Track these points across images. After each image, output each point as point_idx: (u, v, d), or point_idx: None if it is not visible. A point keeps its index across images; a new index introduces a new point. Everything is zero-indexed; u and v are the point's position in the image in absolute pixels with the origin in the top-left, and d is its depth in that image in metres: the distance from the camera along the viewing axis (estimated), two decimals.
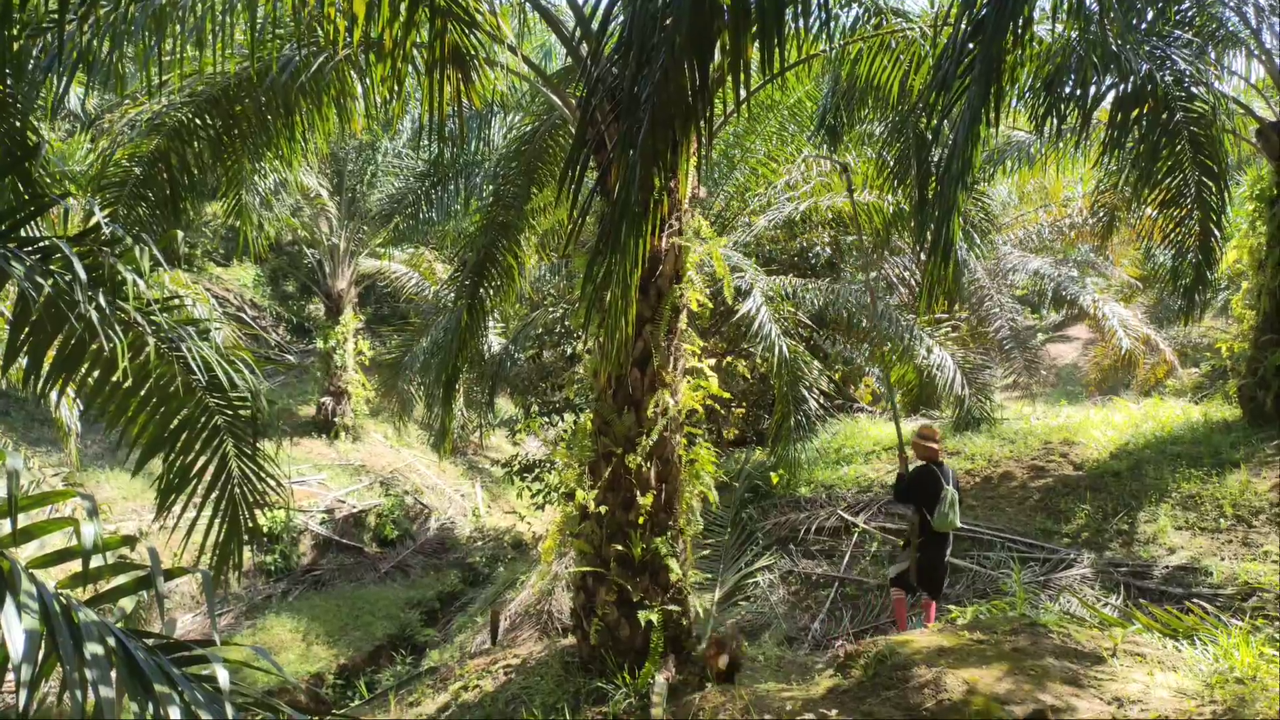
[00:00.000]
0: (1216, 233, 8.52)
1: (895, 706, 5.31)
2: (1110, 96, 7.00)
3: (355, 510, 18.15)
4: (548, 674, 7.51)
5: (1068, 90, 6.94)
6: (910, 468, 7.67)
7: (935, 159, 8.74)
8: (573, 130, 8.34)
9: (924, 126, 8.45)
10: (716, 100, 6.76)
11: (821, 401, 12.32)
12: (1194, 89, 7.58)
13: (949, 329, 12.94)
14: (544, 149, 9.16)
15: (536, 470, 15.57)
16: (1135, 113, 7.08)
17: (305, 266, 22.70)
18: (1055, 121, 6.88)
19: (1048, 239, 18.85)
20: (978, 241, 11.36)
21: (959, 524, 7.53)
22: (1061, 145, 11.36)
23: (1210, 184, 8.14)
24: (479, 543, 19.05)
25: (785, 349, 10.61)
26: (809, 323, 12.72)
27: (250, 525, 5.34)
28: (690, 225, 7.16)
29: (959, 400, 12.45)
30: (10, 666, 2.09)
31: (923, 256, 16.33)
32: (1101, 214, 16.13)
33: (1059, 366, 24.25)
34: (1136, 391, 17.74)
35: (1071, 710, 5.03)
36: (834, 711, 5.39)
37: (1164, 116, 7.30)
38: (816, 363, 12.02)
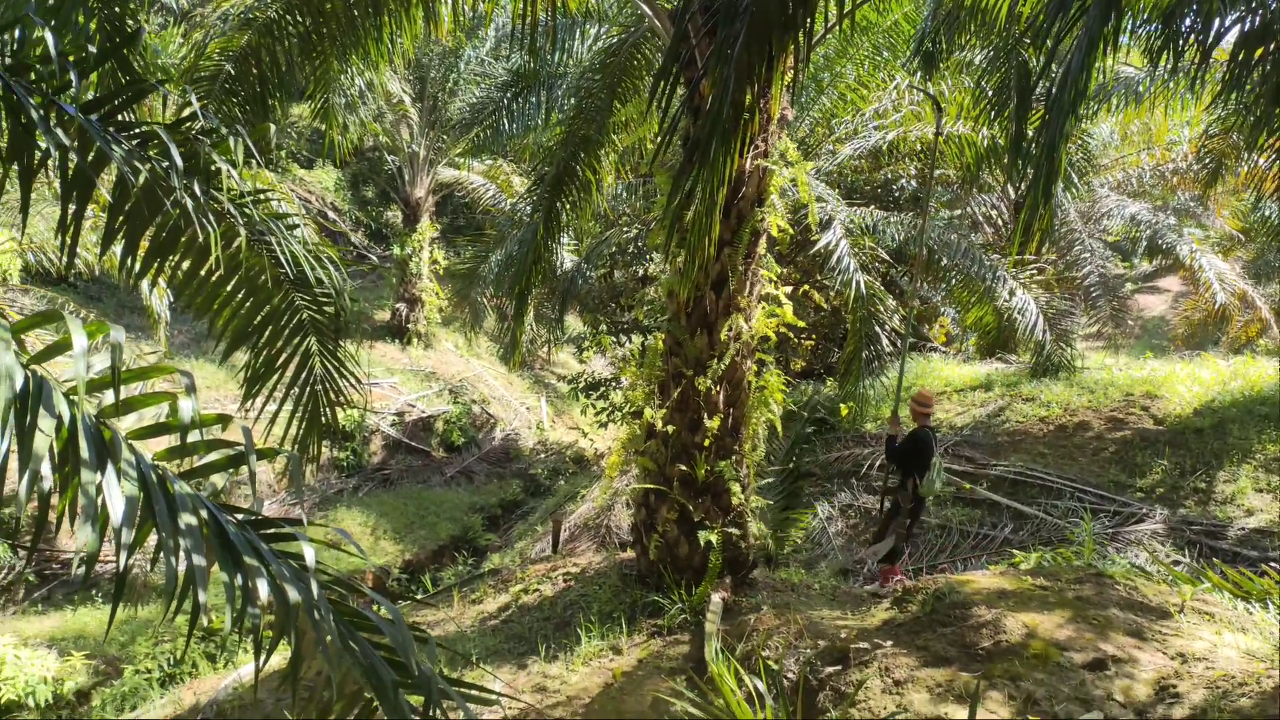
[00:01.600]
0: None
1: (951, 643, 5.31)
2: (1234, 33, 6.54)
3: (424, 415, 18.61)
4: (605, 584, 7.68)
5: (1187, 23, 6.50)
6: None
7: (1039, 90, 8.36)
8: (661, 42, 8.15)
9: (1030, 55, 8.06)
10: (816, 13, 6.51)
11: (894, 339, 12.10)
12: None
13: (1034, 271, 12.52)
14: (629, 62, 8.97)
15: (602, 388, 15.70)
16: (1260, 51, 6.60)
17: (385, 173, 22.90)
18: (1171, 57, 6.46)
19: (1147, 184, 17.99)
20: (1074, 181, 10.90)
21: (940, 491, 7.51)
22: (1173, 84, 10.73)
23: None
24: (541, 455, 19.43)
25: (862, 283, 10.41)
26: (887, 258, 12.42)
27: (329, 422, 5.49)
28: (776, 148, 6.98)
29: (1039, 346, 12.12)
30: (110, 529, 2.19)
31: (1012, 194, 15.81)
32: (1208, 160, 15.26)
33: (1146, 318, 23.42)
34: (1226, 348, 17.04)
35: (1133, 661, 4.97)
36: (889, 642, 5.41)
37: None
38: (892, 299, 11.76)
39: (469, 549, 14.82)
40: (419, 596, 10.51)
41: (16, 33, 3.76)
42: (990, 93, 8.78)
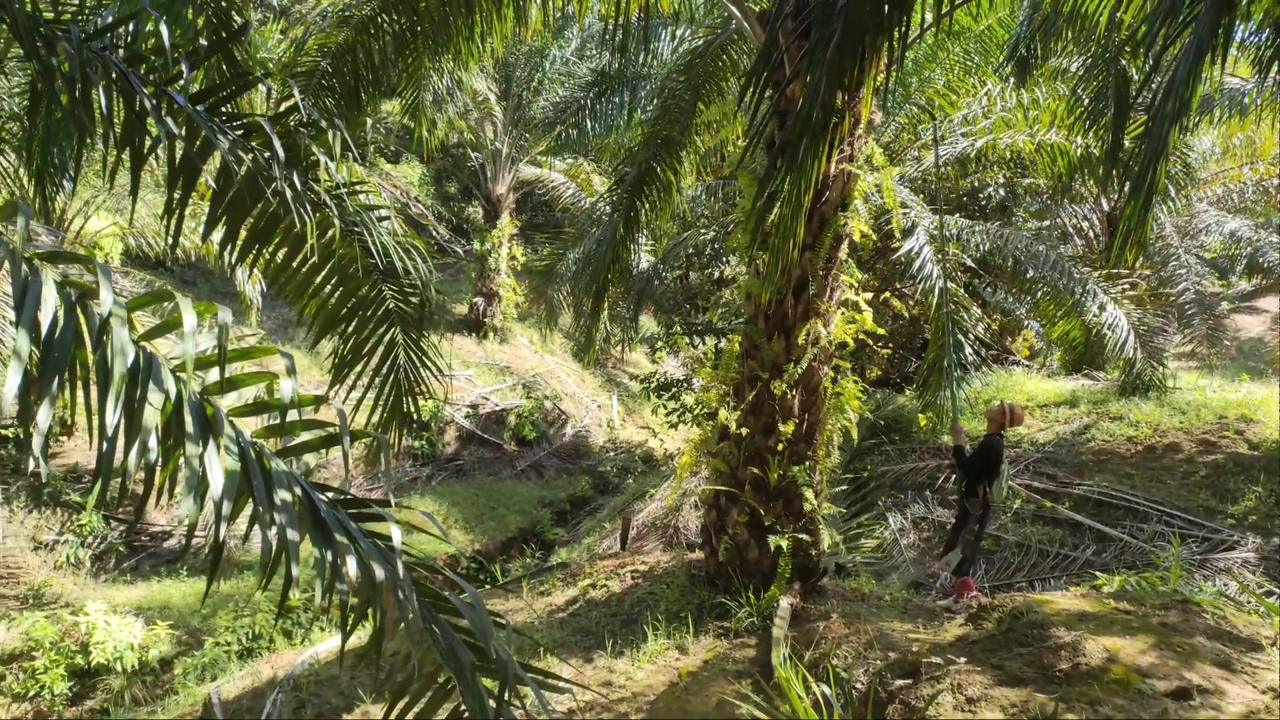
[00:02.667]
0: None
1: (1028, 664, 5.17)
2: None
3: (497, 408, 18.88)
4: (673, 583, 7.69)
5: None
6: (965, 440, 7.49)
7: (1139, 100, 8.09)
8: (749, 45, 8.13)
9: (1130, 63, 7.81)
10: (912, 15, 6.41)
11: (976, 349, 11.83)
12: None
13: (1126, 286, 12.10)
14: (715, 64, 8.96)
15: (674, 389, 15.71)
16: None
17: (468, 169, 23.31)
18: None
19: (1249, 199, 17.23)
20: (1172, 195, 10.51)
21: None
22: None
23: None
24: (611, 453, 19.53)
25: (945, 292, 10.19)
26: (972, 266, 12.15)
27: (409, 410, 5.62)
28: (862, 152, 6.90)
29: (1129, 363, 11.71)
30: (210, 501, 2.28)
31: (1105, 206, 15.31)
32: None
33: (1242, 339, 22.45)
34: None
35: (1220, 693, 4.77)
36: (962, 659, 5.30)
37: None
38: (975, 309, 11.50)
39: (537, 542, 14.99)
40: (488, 586, 10.67)
41: (131, 26, 3.94)
42: (1086, 101, 8.53)
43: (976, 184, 13.42)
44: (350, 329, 5.14)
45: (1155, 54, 4.28)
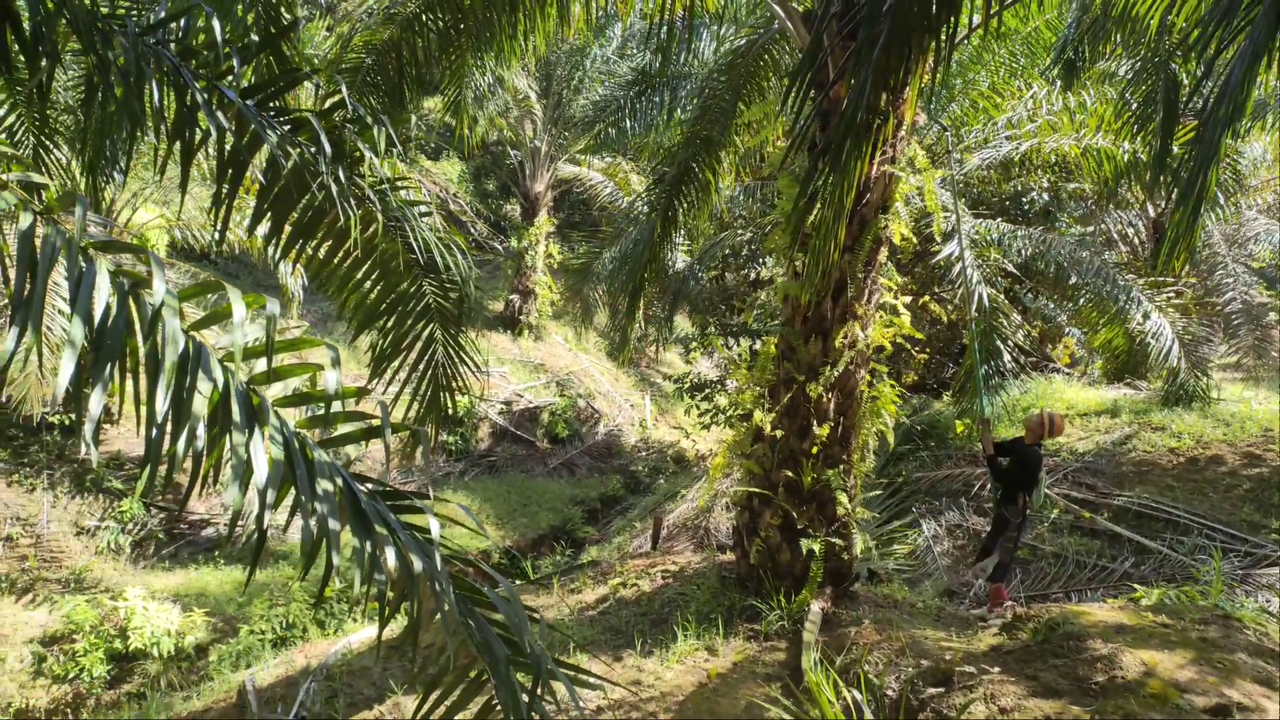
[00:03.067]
0: None
1: (1062, 675, 5.11)
2: None
3: (531, 405, 18.96)
4: (704, 584, 7.68)
5: None
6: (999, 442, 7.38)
7: (1189, 104, 7.94)
8: (791, 45, 8.09)
9: (1181, 67, 7.68)
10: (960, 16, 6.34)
11: (1015, 356, 11.67)
12: None
13: (1172, 294, 11.88)
14: (756, 64, 8.92)
15: (707, 390, 15.68)
16: None
17: (506, 167, 23.43)
18: None
19: None
20: (1221, 202, 10.29)
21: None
22: None
23: None
24: (643, 453, 19.54)
25: (985, 297, 10.08)
26: (1014, 272, 12.00)
27: (446, 405, 5.66)
28: (904, 154, 6.84)
29: (1172, 373, 11.50)
30: (256, 488, 2.31)
31: (1152, 212, 15.04)
32: None
33: None
34: None
35: (1260, 711, 4.68)
36: (996, 669, 5.24)
37: None
38: (1016, 315, 11.35)
39: (567, 540, 15.03)
40: (519, 582, 10.72)
41: (183, 21, 4.01)
42: (1135, 105, 8.39)
43: (1020, 188, 13.25)
44: (390, 323, 5.19)
45: (1208, 59, 4.19)
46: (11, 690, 9.28)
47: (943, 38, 3.76)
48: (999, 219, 12.24)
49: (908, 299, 7.41)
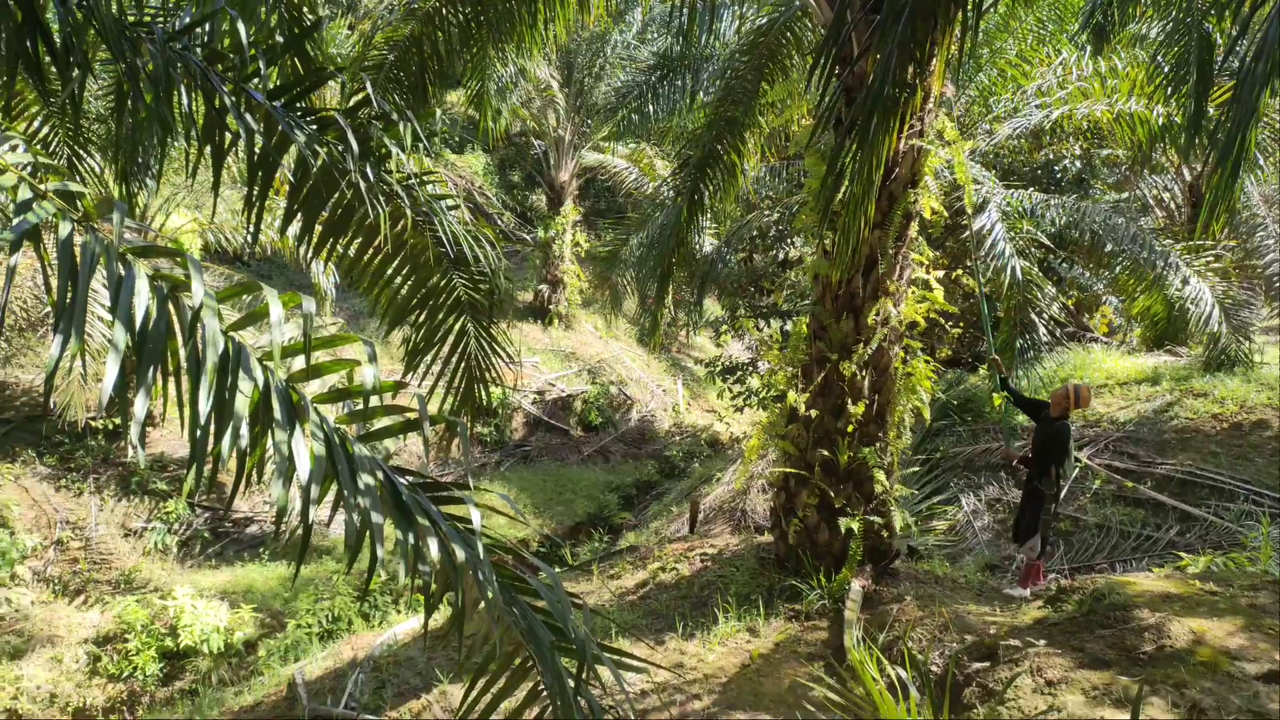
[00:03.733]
0: None
1: (1110, 646, 5.06)
2: None
3: (564, 394, 19.04)
4: (743, 566, 7.68)
5: None
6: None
7: (1224, 64, 7.77)
8: (814, 21, 8.01)
9: (1215, 26, 7.51)
10: None
11: (1051, 328, 11.52)
12: None
13: (1210, 259, 11.65)
14: (778, 42, 8.84)
15: (739, 373, 15.64)
16: None
17: (531, 157, 23.46)
18: None
19: None
20: (1260, 162, 10.06)
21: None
22: None
23: None
24: (676, 437, 19.55)
25: (1018, 269, 9.95)
26: (1046, 243, 11.82)
27: (480, 398, 5.70)
28: (933, 127, 6.76)
29: (1213, 338, 11.30)
30: (299, 485, 2.34)
31: (1188, 176, 14.74)
32: None
33: None
34: None
35: None
36: (1041, 641, 5.20)
37: None
38: (1050, 286, 11.19)
39: (604, 526, 15.11)
40: (559, 569, 10.79)
41: (208, 26, 4.05)
42: (1167, 68, 8.22)
43: (1052, 156, 13.04)
44: (422, 318, 5.23)
45: (1243, 16, 4.10)
46: (69, 690, 9.52)
47: (969, 6, 3.70)
48: (1031, 189, 12.06)
49: (940, 273, 7.33)
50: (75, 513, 12.04)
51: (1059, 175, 12.98)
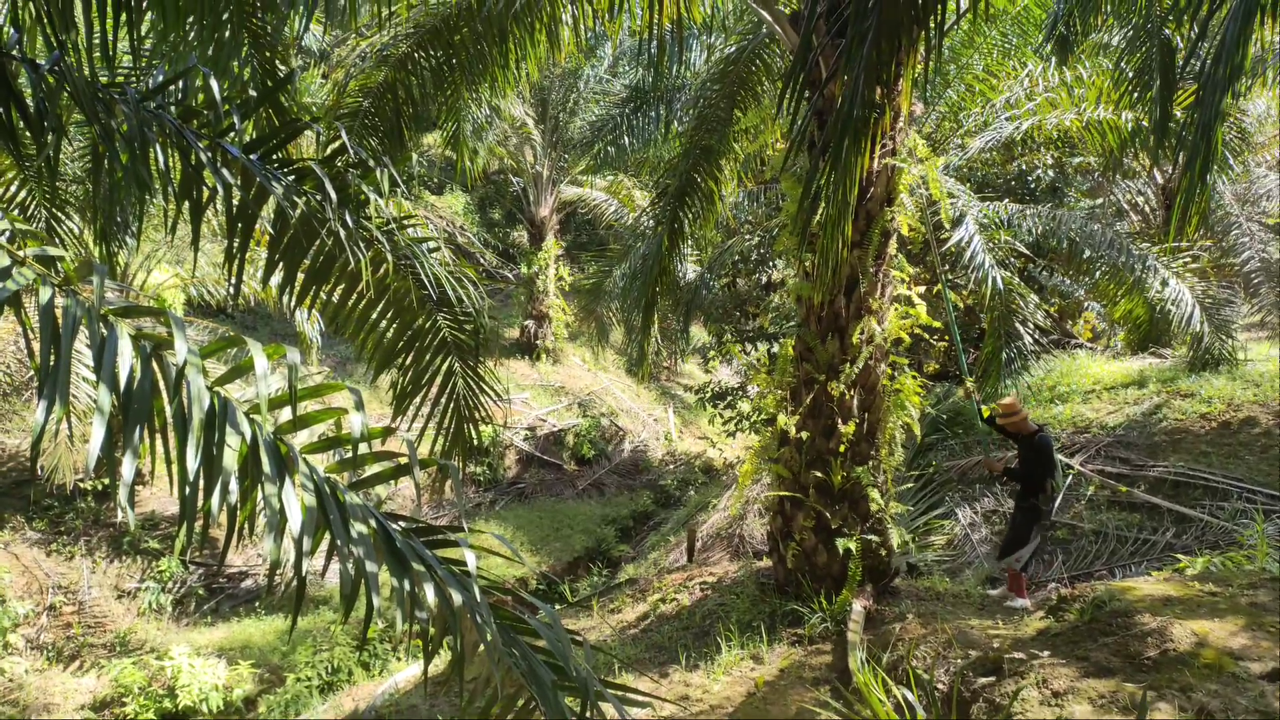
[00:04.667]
0: None
1: (1114, 653, 5.04)
2: None
3: (555, 429, 18.99)
4: (743, 593, 7.64)
5: None
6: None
7: (1188, 68, 7.90)
8: (781, 47, 8.11)
9: (1174, 32, 7.64)
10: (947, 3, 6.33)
11: (1035, 336, 11.59)
12: None
13: (1188, 259, 11.77)
14: (748, 70, 8.96)
15: (729, 398, 15.66)
16: None
17: (510, 194, 23.58)
18: None
19: None
20: (1229, 162, 10.20)
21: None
22: None
23: None
24: (670, 466, 19.51)
25: (999, 280, 10.03)
26: (1025, 252, 11.93)
27: (471, 437, 5.68)
28: (904, 145, 6.84)
29: (1196, 338, 11.39)
30: (291, 537, 2.33)
31: (1160, 179, 14.92)
32: None
33: None
34: None
35: None
36: (1045, 653, 5.19)
37: None
38: (1032, 295, 11.27)
39: (603, 560, 15.02)
40: (559, 606, 10.71)
41: (181, 83, 4.08)
42: (1131, 74, 8.36)
43: (1024, 167, 13.19)
44: (408, 361, 5.23)
45: (1200, 20, 4.18)
46: None
47: (932, 26, 3.76)
48: (1006, 200, 12.19)
49: (921, 289, 7.39)
50: (67, 576, 11.89)
51: (1033, 185, 13.13)
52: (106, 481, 12.38)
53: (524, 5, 7.36)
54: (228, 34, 5.07)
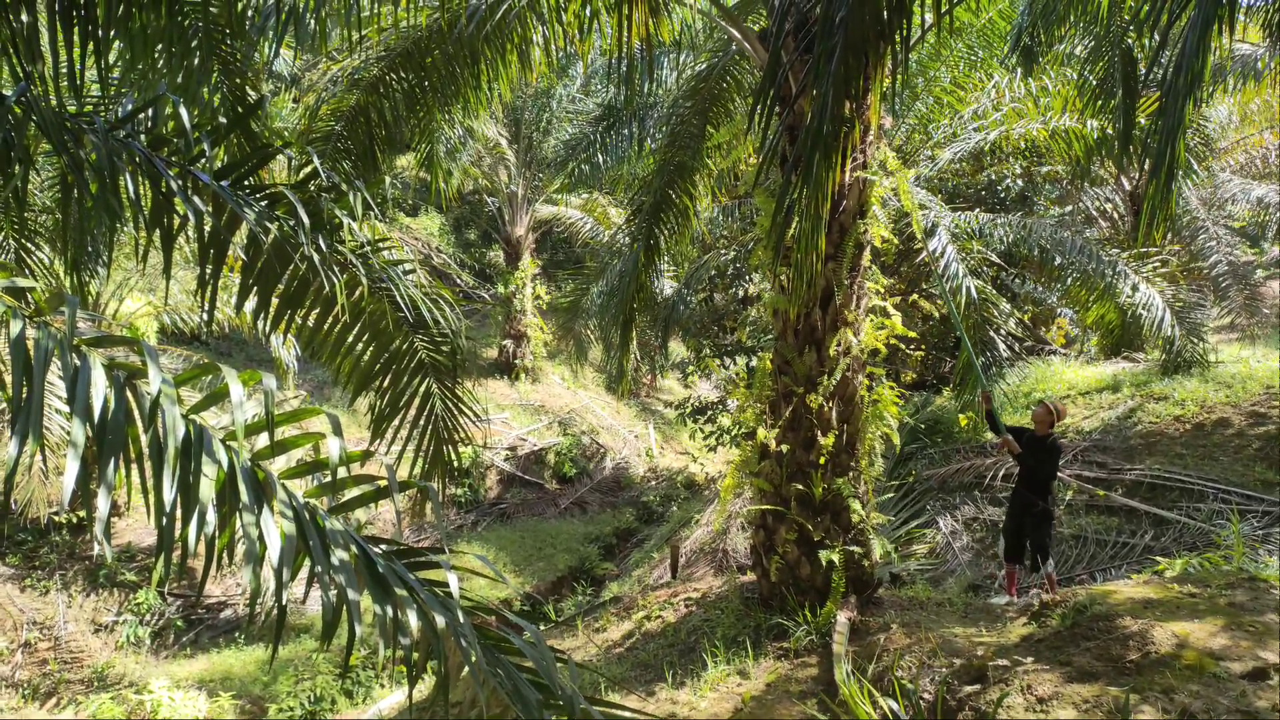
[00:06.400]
0: None
1: (1097, 657, 5.08)
2: None
3: (536, 448, 18.93)
4: (728, 608, 7.63)
5: None
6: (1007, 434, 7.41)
7: (1150, 76, 8.05)
8: (751, 64, 8.19)
9: (1136, 42, 7.79)
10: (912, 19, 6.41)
11: (1010, 344, 11.71)
12: None
13: (1157, 264, 11.95)
14: (719, 86, 9.03)
15: (709, 412, 15.68)
16: None
17: (486, 214, 23.58)
18: None
19: (1272, 164, 17.00)
20: (1194, 167, 10.39)
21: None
22: None
23: None
24: (652, 482, 19.49)
25: (972, 289, 10.13)
26: (997, 260, 12.07)
27: (450, 458, 5.66)
28: (875, 158, 6.91)
29: (1167, 342, 11.54)
30: (271, 565, 2.31)
31: (1127, 185, 15.16)
32: None
33: None
34: None
35: None
36: (1029, 659, 5.21)
37: None
38: (1005, 303, 11.40)
39: (587, 579, 14.95)
40: (543, 626, 10.64)
41: (150, 111, 4.06)
42: (1095, 83, 8.50)
43: (994, 177, 13.35)
44: (386, 383, 5.20)
45: (1161, 30, 4.27)
46: None
47: (898, 42, 3.82)
48: (977, 210, 12.33)
49: (897, 299, 7.45)
50: (42, 612, 11.68)
51: (1003, 194, 13.30)
52: (82, 514, 12.20)
53: (495, 27, 7.38)
54: (197, 61, 5.06)
